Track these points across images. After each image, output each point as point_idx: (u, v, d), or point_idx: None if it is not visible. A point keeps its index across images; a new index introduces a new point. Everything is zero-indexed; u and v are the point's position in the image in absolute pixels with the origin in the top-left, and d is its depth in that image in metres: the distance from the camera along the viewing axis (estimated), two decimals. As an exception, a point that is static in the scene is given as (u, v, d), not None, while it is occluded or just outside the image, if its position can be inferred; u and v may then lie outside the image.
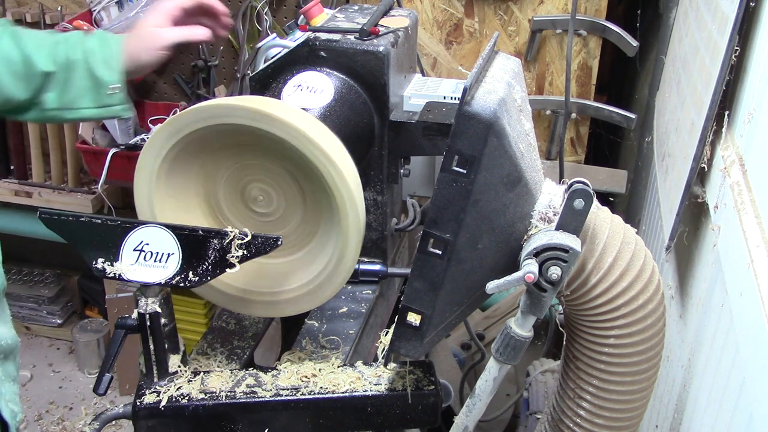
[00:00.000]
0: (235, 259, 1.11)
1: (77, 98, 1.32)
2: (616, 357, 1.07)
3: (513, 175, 0.98)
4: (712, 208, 1.14)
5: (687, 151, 1.27)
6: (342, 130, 1.26)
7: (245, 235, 1.10)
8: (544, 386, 1.92)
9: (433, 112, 1.45)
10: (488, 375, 1.08)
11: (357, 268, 1.23)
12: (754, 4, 1.08)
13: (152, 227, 1.12)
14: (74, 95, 1.32)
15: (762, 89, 1.01)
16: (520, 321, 1.04)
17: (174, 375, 1.19)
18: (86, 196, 2.72)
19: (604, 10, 2.16)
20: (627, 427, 1.13)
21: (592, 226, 1.04)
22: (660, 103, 1.88)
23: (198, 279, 1.12)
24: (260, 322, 1.43)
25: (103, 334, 3.04)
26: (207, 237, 1.11)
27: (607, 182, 2.18)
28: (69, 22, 2.41)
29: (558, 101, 2.23)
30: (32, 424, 2.78)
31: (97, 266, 1.13)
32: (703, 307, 1.18)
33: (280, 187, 1.20)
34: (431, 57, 2.32)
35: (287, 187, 1.20)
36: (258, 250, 1.12)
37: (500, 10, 2.21)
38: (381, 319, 1.61)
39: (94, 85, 1.31)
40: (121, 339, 1.16)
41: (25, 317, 3.19)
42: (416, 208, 1.64)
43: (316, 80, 1.36)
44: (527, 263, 0.98)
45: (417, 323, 1.03)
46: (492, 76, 1.02)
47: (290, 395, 1.17)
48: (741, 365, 0.91)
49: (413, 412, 1.18)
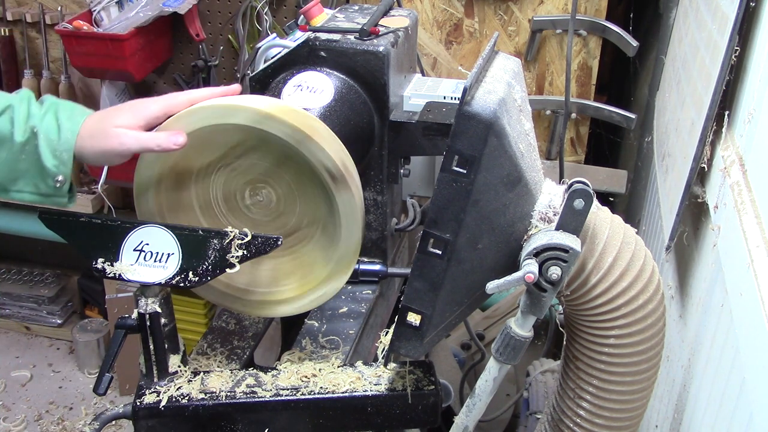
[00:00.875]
0: (235, 259, 1.11)
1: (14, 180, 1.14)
2: (616, 357, 1.07)
3: (513, 175, 0.98)
4: (712, 208, 1.14)
5: (687, 151, 1.27)
6: (342, 130, 1.26)
7: (245, 235, 1.10)
8: (544, 386, 1.92)
9: (433, 112, 1.45)
10: (488, 375, 1.08)
11: (357, 268, 1.23)
12: (754, 4, 1.08)
13: (152, 227, 1.12)
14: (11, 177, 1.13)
15: (762, 89, 1.01)
16: (520, 321, 1.04)
17: (174, 375, 1.19)
18: (86, 196, 2.72)
19: (604, 10, 2.16)
20: (627, 427, 1.13)
21: (592, 226, 1.04)
22: (660, 103, 1.88)
23: (198, 279, 1.12)
24: (260, 322, 1.43)
25: (103, 334, 3.04)
26: (207, 237, 1.11)
27: (607, 182, 2.18)
28: (69, 22, 2.41)
29: (558, 101, 2.23)
30: (32, 424, 2.78)
31: (97, 266, 1.13)
32: (703, 307, 1.18)
33: (280, 187, 1.20)
34: (431, 57, 2.32)
35: (286, 186, 1.20)
36: (258, 250, 1.12)
37: (500, 10, 2.21)
38: (381, 319, 1.61)
39: (36, 171, 1.13)
40: (121, 339, 1.16)
41: (25, 317, 3.19)
42: (416, 208, 1.64)
43: (316, 80, 1.36)
44: (527, 263, 0.98)
45: (417, 323, 1.03)
46: (492, 76, 1.02)
47: (290, 395, 1.17)
48: (741, 365, 0.91)
49: (413, 412, 1.18)
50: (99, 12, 2.45)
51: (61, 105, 1.13)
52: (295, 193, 1.20)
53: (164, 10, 2.38)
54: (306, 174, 1.15)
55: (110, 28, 2.44)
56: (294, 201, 1.21)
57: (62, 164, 1.11)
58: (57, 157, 1.11)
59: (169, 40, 2.59)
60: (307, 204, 1.20)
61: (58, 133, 1.10)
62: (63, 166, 1.11)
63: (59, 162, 1.11)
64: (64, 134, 1.10)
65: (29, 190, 1.14)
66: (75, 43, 2.38)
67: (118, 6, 2.47)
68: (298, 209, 1.21)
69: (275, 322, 1.55)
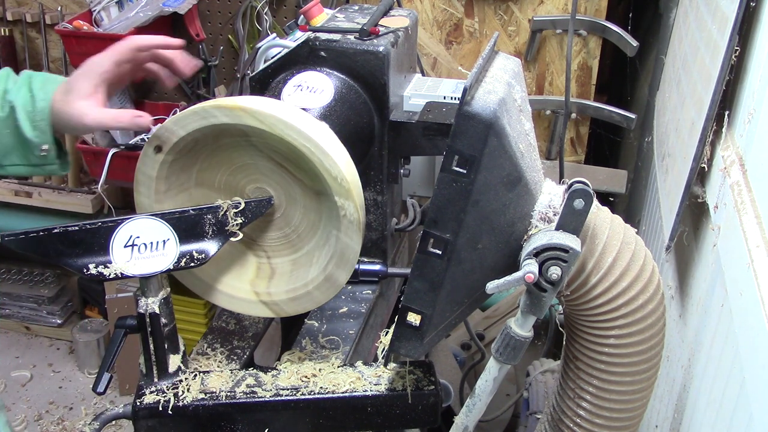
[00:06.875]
0: (235, 227, 1.14)
1: (5, 155, 1.18)
2: (616, 357, 1.07)
3: (513, 175, 0.98)
4: (712, 208, 1.14)
5: (687, 151, 1.27)
6: (342, 130, 1.26)
7: (238, 204, 1.14)
8: (544, 386, 1.92)
9: (433, 112, 1.45)
10: (488, 375, 1.08)
11: (357, 268, 1.23)
12: (754, 4, 1.08)
13: (138, 219, 1.10)
14: (1, 152, 1.18)
15: (762, 89, 1.01)
16: (520, 321, 1.04)
17: (174, 375, 1.19)
18: (86, 196, 2.72)
19: (604, 10, 2.16)
20: (627, 427, 1.13)
21: (592, 226, 1.04)
22: (660, 103, 1.88)
23: (204, 256, 1.12)
24: (260, 322, 1.43)
25: (103, 334, 3.04)
26: (199, 214, 1.13)
27: (607, 182, 2.18)
28: (69, 22, 2.41)
29: (558, 101, 2.23)
30: (32, 424, 2.78)
31: (91, 272, 1.09)
32: (703, 307, 1.18)
33: (279, 186, 1.20)
34: (431, 57, 2.32)
35: (286, 185, 1.20)
36: (254, 214, 1.15)
37: (500, 10, 2.21)
38: (381, 319, 1.61)
39: (21, 143, 1.17)
40: (121, 339, 1.16)
41: (25, 317, 3.19)
42: (416, 208, 1.64)
43: (316, 80, 1.36)
44: (527, 263, 0.98)
45: (417, 323, 1.03)
46: (492, 76, 1.02)
47: (290, 395, 1.17)
48: (741, 365, 0.91)
49: (413, 412, 1.18)
50: (99, 12, 2.45)
51: (35, 76, 1.18)
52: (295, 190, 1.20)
53: (164, 10, 2.38)
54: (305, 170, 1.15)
55: (110, 28, 2.44)
56: (294, 198, 1.21)
57: (42, 133, 1.15)
58: (36, 127, 1.15)
59: (169, 40, 2.59)
60: (306, 201, 1.20)
61: (32, 104, 1.14)
62: (43, 135, 1.15)
63: (39, 131, 1.15)
64: (38, 104, 1.14)
65: (21, 162, 1.18)
66: (75, 43, 2.39)
67: (118, 6, 2.47)
68: (298, 207, 1.21)
69: (275, 322, 1.55)
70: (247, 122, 1.09)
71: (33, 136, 1.15)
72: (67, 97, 1.16)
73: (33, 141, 1.15)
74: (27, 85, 1.16)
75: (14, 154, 1.17)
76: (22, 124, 1.14)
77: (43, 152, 1.16)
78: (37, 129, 1.15)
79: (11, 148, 1.16)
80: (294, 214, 1.21)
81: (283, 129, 1.07)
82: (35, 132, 1.15)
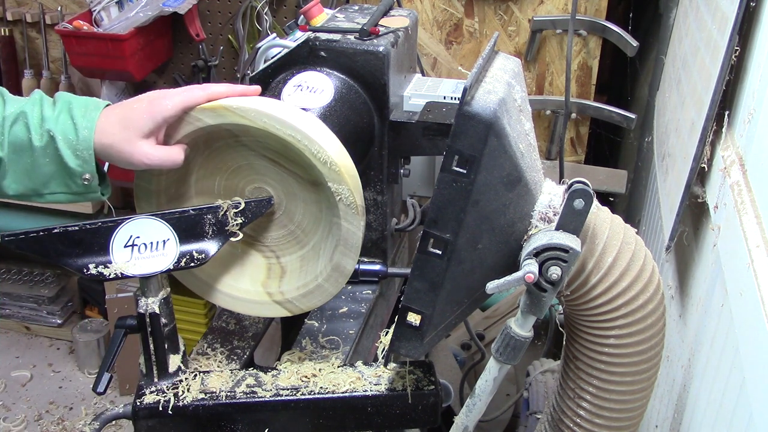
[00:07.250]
0: (235, 227, 1.14)
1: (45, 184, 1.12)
2: (616, 357, 1.07)
3: (513, 175, 0.98)
4: (712, 208, 1.14)
5: (687, 151, 1.27)
6: (342, 130, 1.26)
7: (238, 204, 1.13)
8: (544, 386, 1.92)
9: (433, 112, 1.45)
10: (488, 375, 1.08)
11: (357, 268, 1.23)
12: (754, 4, 1.08)
13: (138, 219, 1.10)
14: (40, 181, 1.12)
15: (762, 89, 1.01)
16: (520, 321, 1.04)
17: (174, 375, 1.19)
18: (86, 196, 2.72)
19: (604, 10, 2.16)
20: (627, 427, 1.13)
21: (592, 226, 1.04)
22: (660, 103, 1.88)
23: (204, 256, 1.12)
24: (260, 322, 1.43)
25: (103, 334, 3.04)
26: (199, 214, 1.13)
27: (607, 182, 2.18)
28: (69, 22, 2.41)
29: (558, 101, 2.23)
30: (32, 424, 2.78)
31: (91, 272, 1.09)
32: (703, 307, 1.18)
33: (277, 183, 1.20)
34: (431, 57, 2.32)
35: (283, 181, 1.19)
36: (254, 214, 1.15)
37: (500, 10, 2.21)
38: (381, 319, 1.61)
39: (61, 172, 1.11)
40: (120, 339, 1.16)
41: (25, 317, 3.19)
42: (416, 208, 1.64)
43: (316, 80, 1.36)
44: (527, 263, 0.98)
45: (417, 323, 1.03)
46: (492, 76, 1.02)
47: (290, 395, 1.17)
48: (741, 365, 0.91)
49: (413, 412, 1.18)
50: (99, 12, 2.45)
51: (74, 102, 1.12)
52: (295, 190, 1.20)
53: (164, 10, 2.38)
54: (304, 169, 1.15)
55: (110, 28, 2.44)
56: (294, 197, 1.21)
57: (85, 162, 1.10)
58: (79, 156, 1.09)
59: (169, 40, 2.59)
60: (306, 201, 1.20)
61: (75, 133, 1.09)
62: (86, 164, 1.10)
63: (82, 161, 1.10)
64: (81, 132, 1.09)
65: (62, 191, 1.13)
66: (75, 43, 2.39)
67: (118, 6, 2.47)
68: (299, 206, 1.21)
69: (275, 322, 1.55)
70: (231, 120, 1.09)
71: (75, 165, 1.10)
72: (126, 134, 1.10)
73: (75, 170, 1.10)
74: (67, 112, 1.10)
75: (54, 182, 1.12)
76: (63, 153, 1.09)
77: (85, 181, 1.11)
78: (79, 158, 1.10)
79: (50, 177, 1.11)
80: (295, 209, 1.21)
81: (266, 121, 1.08)
82: (78, 161, 1.10)
